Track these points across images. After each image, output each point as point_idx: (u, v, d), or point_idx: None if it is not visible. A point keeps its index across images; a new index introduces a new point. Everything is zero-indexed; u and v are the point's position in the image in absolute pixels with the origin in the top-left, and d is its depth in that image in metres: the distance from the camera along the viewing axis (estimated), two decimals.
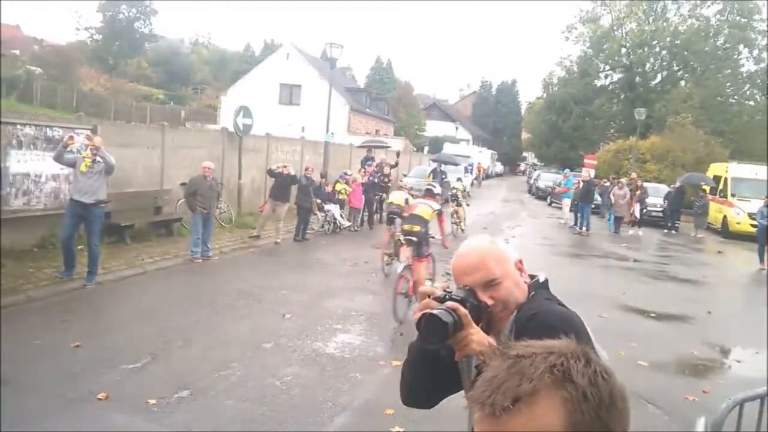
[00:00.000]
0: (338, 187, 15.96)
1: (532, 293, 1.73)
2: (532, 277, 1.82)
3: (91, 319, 7.12)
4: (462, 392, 1.76)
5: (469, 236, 1.98)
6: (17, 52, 46.01)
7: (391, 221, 11.09)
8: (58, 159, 8.33)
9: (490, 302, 1.66)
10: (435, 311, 1.52)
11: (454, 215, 16.29)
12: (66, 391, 4.97)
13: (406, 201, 11.10)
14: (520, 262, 1.78)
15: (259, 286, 9.25)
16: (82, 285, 8.14)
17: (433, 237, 8.99)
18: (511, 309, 1.69)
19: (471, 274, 1.70)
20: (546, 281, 1.80)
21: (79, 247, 8.69)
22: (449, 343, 1.56)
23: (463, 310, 1.55)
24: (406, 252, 8.75)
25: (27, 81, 38.03)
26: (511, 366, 0.91)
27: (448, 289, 1.66)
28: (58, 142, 8.73)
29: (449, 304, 1.56)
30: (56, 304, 7.47)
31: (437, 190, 10.29)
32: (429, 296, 1.64)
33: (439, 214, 9.18)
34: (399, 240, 9.36)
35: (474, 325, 1.57)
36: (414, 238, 8.48)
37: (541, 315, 1.60)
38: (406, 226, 8.75)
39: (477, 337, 1.55)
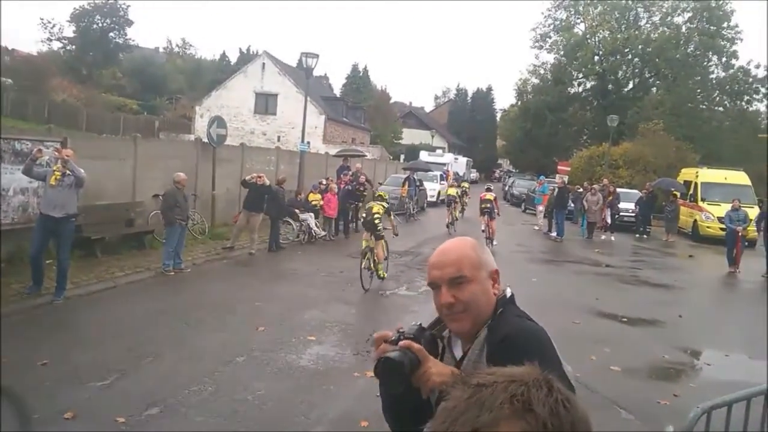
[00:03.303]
0: (311, 198, 15.94)
1: (500, 309, 1.69)
2: None
3: (59, 336, 6.99)
4: None
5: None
6: None
7: (449, 204, 19.40)
8: (27, 172, 8.18)
9: (451, 300, 1.64)
10: (388, 354, 1.51)
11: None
12: (32, 411, 4.85)
13: (458, 193, 19.98)
14: (496, 272, 1.75)
15: (233, 298, 9.17)
16: (51, 301, 7.99)
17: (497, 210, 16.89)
18: (472, 314, 1.66)
19: (441, 269, 1.68)
20: (512, 296, 1.77)
21: (48, 261, 8.55)
22: (412, 383, 1.53)
23: (416, 345, 1.54)
24: (484, 218, 16.41)
25: None
26: (471, 396, 0.89)
27: (401, 329, 1.64)
28: (27, 156, 8.57)
29: (402, 343, 1.55)
30: (23, 320, 7.34)
31: (493, 187, 19.57)
32: (383, 341, 1.63)
33: (495, 198, 16.88)
34: (456, 217, 19.20)
35: (431, 358, 1.55)
36: (487, 210, 16.31)
37: (514, 337, 1.58)
38: (483, 205, 16.49)
39: (436, 369, 1.53)
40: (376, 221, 10.62)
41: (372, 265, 10.47)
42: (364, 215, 11.60)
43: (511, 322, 1.65)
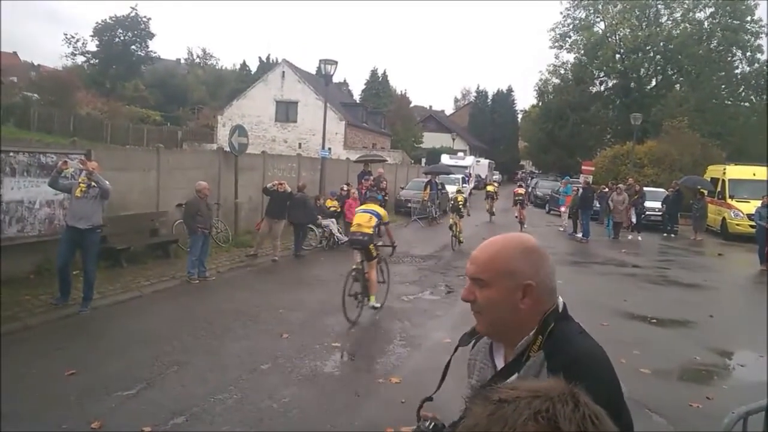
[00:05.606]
0: (329, 204, 15.99)
1: (551, 325, 1.55)
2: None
3: (86, 346, 7.05)
4: None
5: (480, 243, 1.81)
6: (15, 78, 46.22)
7: (487, 198, 24.20)
8: (53, 185, 8.29)
9: (469, 297, 1.62)
10: None
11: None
12: (60, 421, 4.90)
13: (494, 189, 24.52)
14: (530, 287, 1.57)
15: (257, 306, 9.19)
16: (78, 311, 8.07)
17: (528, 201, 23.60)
18: (487, 318, 1.60)
19: (471, 263, 1.65)
20: (565, 308, 1.63)
21: (75, 272, 8.64)
22: None
23: None
24: (517, 207, 21.37)
25: (24, 107, 38.18)
26: (493, 412, 0.85)
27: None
28: (52, 168, 8.69)
29: None
30: (51, 331, 7.41)
31: (524, 184, 27.60)
32: None
33: (526, 192, 22.23)
34: (493, 208, 23.99)
35: None
36: (519, 200, 21.28)
37: (585, 361, 1.48)
38: (516, 198, 21.73)
39: None
40: (460, 206, 16.66)
41: (457, 234, 16.06)
42: (451, 203, 17.76)
43: (575, 344, 1.54)
